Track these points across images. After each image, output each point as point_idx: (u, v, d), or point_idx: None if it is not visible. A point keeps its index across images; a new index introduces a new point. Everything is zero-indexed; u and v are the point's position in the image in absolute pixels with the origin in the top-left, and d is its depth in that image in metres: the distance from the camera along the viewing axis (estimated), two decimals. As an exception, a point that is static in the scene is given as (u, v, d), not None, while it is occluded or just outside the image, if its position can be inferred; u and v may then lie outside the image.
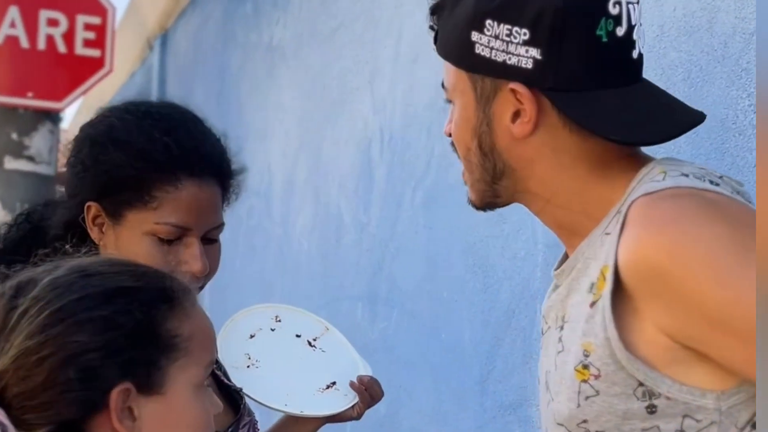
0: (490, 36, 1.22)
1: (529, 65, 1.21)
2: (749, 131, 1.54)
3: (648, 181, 1.20)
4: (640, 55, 1.26)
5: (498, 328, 2.27)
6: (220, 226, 1.59)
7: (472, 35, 1.23)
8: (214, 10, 4.72)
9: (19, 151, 5.01)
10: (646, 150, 1.31)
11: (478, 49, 1.23)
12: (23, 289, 1.15)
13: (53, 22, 5.30)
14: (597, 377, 1.17)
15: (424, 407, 2.58)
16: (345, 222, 3.11)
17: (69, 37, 5.32)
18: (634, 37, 1.24)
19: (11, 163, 5.00)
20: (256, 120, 4.01)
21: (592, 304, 1.19)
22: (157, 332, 1.17)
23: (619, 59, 1.23)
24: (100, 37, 5.34)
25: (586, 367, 1.18)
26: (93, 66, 5.36)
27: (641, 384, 1.16)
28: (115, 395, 1.12)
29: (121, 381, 1.12)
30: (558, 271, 1.30)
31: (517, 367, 2.18)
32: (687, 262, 1.12)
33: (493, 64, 1.22)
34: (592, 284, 1.20)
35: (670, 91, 1.35)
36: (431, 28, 1.31)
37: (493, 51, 1.22)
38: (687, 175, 1.19)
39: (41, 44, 5.29)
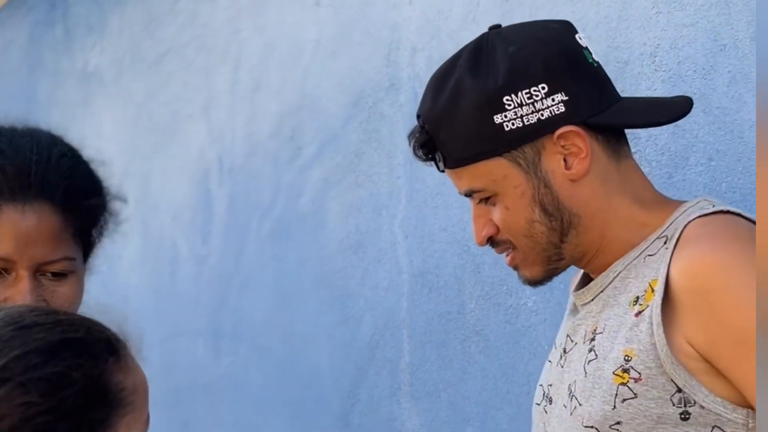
0: (515, 108, 1.29)
1: (562, 108, 1.30)
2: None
3: (698, 209, 1.30)
4: None
5: (360, 361, 2.23)
6: (64, 258, 1.43)
7: (496, 119, 1.29)
8: (17, 35, 4.47)
9: None
10: None
11: (508, 127, 1.30)
12: None
13: None
14: (637, 380, 1.24)
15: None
16: (181, 255, 2.99)
17: None
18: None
19: None
20: (71, 150, 3.82)
21: (638, 314, 1.26)
22: (108, 387, 1.06)
23: (607, 78, 1.37)
24: None
25: (626, 371, 1.24)
26: None
27: (679, 390, 1.23)
28: None
29: None
30: (582, 290, 1.37)
31: (383, 399, 2.15)
32: (732, 282, 1.21)
33: (530, 128, 1.30)
34: (638, 297, 1.27)
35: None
36: (428, 159, 1.35)
37: (525, 118, 1.30)
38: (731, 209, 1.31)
39: None
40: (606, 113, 1.31)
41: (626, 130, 1.39)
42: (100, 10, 3.62)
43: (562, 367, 1.36)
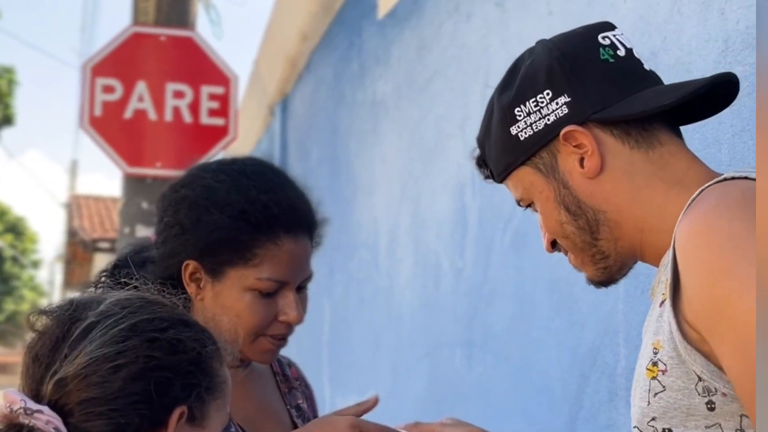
0: (525, 117, 1.34)
1: (566, 110, 1.32)
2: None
3: (719, 179, 1.24)
4: (652, 70, 1.38)
5: (584, 366, 2.19)
6: (310, 276, 1.64)
7: (511, 131, 1.35)
8: (326, 73, 4.81)
9: (149, 219, 5.18)
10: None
11: (522, 136, 1.34)
12: (86, 306, 1.17)
13: (179, 94, 5.51)
14: (664, 372, 1.20)
15: (518, 453, 2.51)
16: (443, 269, 3.08)
17: (194, 107, 5.52)
18: (637, 56, 1.37)
19: (142, 231, 5.17)
20: (363, 175, 4.04)
21: (662, 303, 1.22)
22: (211, 366, 1.20)
23: (633, 70, 1.35)
24: (223, 106, 5.52)
25: (655, 364, 1.21)
26: (218, 134, 5.53)
27: (700, 379, 1.17)
28: (175, 416, 1.14)
29: (180, 403, 1.14)
30: (651, 291, 1.34)
31: (603, 405, 2.10)
32: (709, 248, 1.12)
33: (539, 134, 1.33)
34: (665, 284, 1.23)
35: (735, 107, 1.42)
36: (487, 177, 1.45)
37: (534, 125, 1.33)
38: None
39: (168, 116, 5.50)
40: (616, 106, 1.30)
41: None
42: (385, 42, 3.82)
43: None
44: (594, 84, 1.32)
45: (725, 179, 1.22)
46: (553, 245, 1.40)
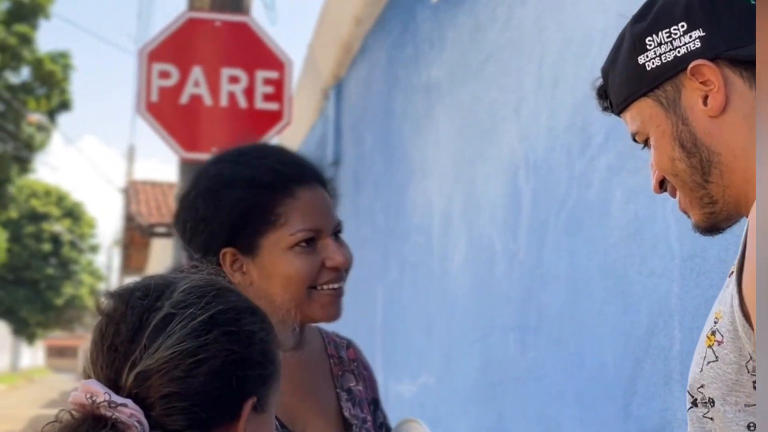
0: (655, 47, 1.30)
1: (698, 44, 1.28)
2: None
3: None
4: None
5: (638, 350, 2.17)
6: (340, 223, 1.66)
7: (639, 60, 1.31)
8: (380, 57, 4.81)
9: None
10: None
11: (650, 66, 1.31)
12: (160, 293, 1.15)
13: (234, 80, 5.53)
14: (720, 343, 1.18)
15: (571, 437, 2.49)
16: (497, 252, 3.07)
17: (249, 92, 5.54)
18: None
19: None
20: (417, 159, 4.04)
21: (731, 273, 1.20)
22: (274, 353, 1.20)
23: None
24: (278, 90, 5.54)
25: (713, 333, 1.19)
26: (272, 119, 5.55)
27: (752, 358, 1.15)
28: (248, 407, 1.13)
29: (252, 394, 1.14)
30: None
31: (658, 389, 2.08)
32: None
33: (667, 65, 1.29)
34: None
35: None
36: (605, 109, 1.41)
37: (663, 56, 1.30)
38: None
39: (223, 101, 5.53)
40: (751, 47, 1.24)
41: None
42: (440, 25, 3.81)
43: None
44: (731, 22, 1.28)
45: None
46: (661, 185, 1.36)
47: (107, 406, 1.06)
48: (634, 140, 1.38)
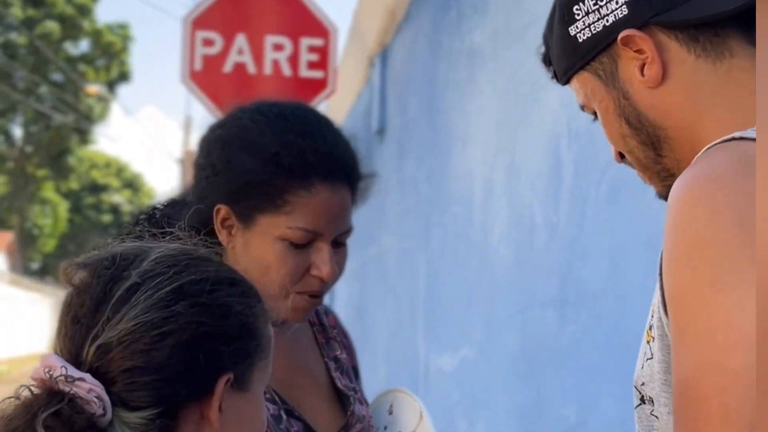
0: (584, 17, 1.21)
1: (626, 10, 1.18)
2: None
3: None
4: None
5: (679, 326, 2.07)
6: (348, 230, 1.54)
7: (570, 31, 1.22)
8: (424, 23, 4.71)
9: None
10: None
11: (581, 38, 1.21)
12: (129, 262, 1.09)
13: (278, 47, 5.47)
14: (653, 340, 1.11)
15: (610, 415, 2.40)
16: (537, 224, 2.97)
17: (293, 60, 5.47)
18: None
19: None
20: (459, 127, 3.94)
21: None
22: (256, 327, 1.12)
23: None
24: (323, 58, 5.46)
25: (650, 328, 1.12)
26: (317, 87, 5.48)
27: None
28: (221, 383, 1.07)
29: (227, 370, 1.07)
30: None
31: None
32: (677, 222, 1.02)
33: (597, 36, 1.20)
34: None
35: None
36: (552, 77, 1.32)
37: (592, 26, 1.20)
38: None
39: (267, 69, 5.46)
40: (681, 7, 1.13)
41: None
42: (483, -11, 3.69)
43: None
44: None
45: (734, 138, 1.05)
46: (622, 156, 1.29)
47: (64, 381, 1.00)
48: (583, 111, 1.28)
